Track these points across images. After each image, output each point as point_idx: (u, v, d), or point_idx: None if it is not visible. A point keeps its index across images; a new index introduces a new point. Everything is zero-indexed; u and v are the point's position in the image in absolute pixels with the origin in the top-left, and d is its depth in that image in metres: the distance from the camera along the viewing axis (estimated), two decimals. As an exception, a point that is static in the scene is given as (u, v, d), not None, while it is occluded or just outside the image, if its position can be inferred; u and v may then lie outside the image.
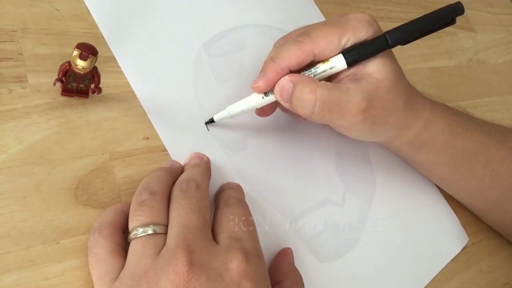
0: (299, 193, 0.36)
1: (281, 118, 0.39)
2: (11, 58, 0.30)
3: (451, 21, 0.33)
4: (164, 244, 0.25)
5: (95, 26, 0.34)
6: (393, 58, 0.34)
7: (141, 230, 0.25)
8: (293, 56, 0.31)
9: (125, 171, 0.30)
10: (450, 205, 0.44)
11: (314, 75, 0.32)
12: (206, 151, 0.33)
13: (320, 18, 0.49)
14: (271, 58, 0.32)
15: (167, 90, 0.35)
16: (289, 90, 0.31)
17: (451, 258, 0.41)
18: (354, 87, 0.32)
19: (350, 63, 0.32)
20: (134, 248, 0.25)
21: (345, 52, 0.32)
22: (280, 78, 0.32)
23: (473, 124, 0.40)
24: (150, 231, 0.25)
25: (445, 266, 0.40)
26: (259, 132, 0.37)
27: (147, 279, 0.24)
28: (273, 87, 0.32)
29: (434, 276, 0.39)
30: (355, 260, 0.36)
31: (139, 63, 0.34)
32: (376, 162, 0.42)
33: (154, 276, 0.24)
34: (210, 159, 0.33)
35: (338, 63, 0.32)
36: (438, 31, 0.34)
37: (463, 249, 0.42)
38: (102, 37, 0.34)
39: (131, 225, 0.26)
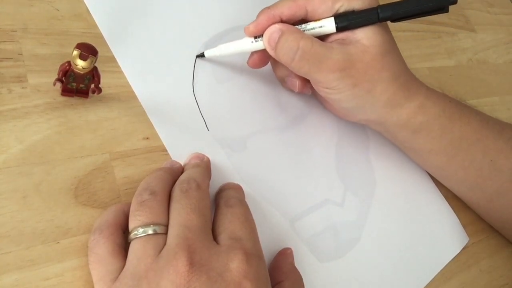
0: (299, 193, 0.36)
1: (281, 118, 0.39)
2: (11, 58, 0.30)
3: (443, 9, 0.34)
4: (165, 244, 0.25)
5: (95, 26, 0.34)
6: (387, 32, 0.35)
7: (141, 230, 0.25)
8: (286, 6, 0.33)
9: (125, 171, 0.30)
10: (450, 205, 0.44)
11: (304, 30, 0.34)
12: (206, 151, 0.33)
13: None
14: (266, 6, 0.34)
15: (167, 90, 0.35)
16: (276, 37, 0.33)
17: (451, 258, 0.41)
18: (338, 47, 0.33)
19: (339, 29, 0.33)
20: (134, 248, 0.25)
21: (337, 17, 0.33)
22: (270, 25, 0.33)
23: (471, 113, 0.40)
24: (150, 231, 0.25)
25: (445, 266, 0.40)
26: (259, 132, 0.37)
27: (148, 279, 0.24)
28: (263, 33, 0.34)
29: (434, 276, 0.39)
30: (355, 260, 0.36)
31: (139, 63, 0.34)
32: (376, 162, 0.42)
33: (155, 276, 0.24)
34: (210, 159, 0.33)
35: (328, 24, 0.33)
36: (438, 31, 0.34)
37: (463, 249, 0.42)
38: (102, 37, 0.34)
39: (131, 225, 0.26)
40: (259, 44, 0.34)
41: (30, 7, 0.33)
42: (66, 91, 0.30)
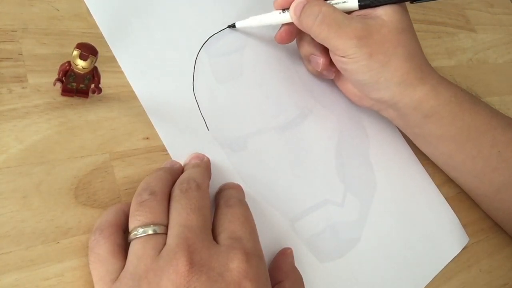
0: (299, 193, 0.36)
1: (281, 118, 0.39)
2: (11, 58, 0.30)
3: None
4: (165, 244, 0.25)
5: (95, 26, 0.34)
6: (405, 13, 0.37)
7: (141, 230, 0.25)
8: None
9: (125, 171, 0.30)
10: (450, 205, 0.44)
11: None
12: (206, 151, 0.33)
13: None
14: None
15: (167, 90, 0.35)
16: (301, 6, 0.36)
17: (451, 258, 0.41)
18: (358, 18, 0.36)
19: (361, 6, 0.36)
20: (134, 248, 0.25)
21: None
22: None
23: (481, 103, 0.41)
24: (150, 231, 0.25)
25: (445, 266, 0.40)
26: (259, 132, 0.37)
27: (148, 279, 0.24)
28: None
29: (434, 276, 0.39)
30: (355, 260, 0.36)
31: (139, 63, 0.34)
32: (376, 162, 0.42)
33: (155, 276, 0.24)
34: (210, 159, 0.33)
35: (351, 0, 0.36)
36: (438, 31, 0.34)
37: (463, 249, 0.42)
38: (102, 37, 0.34)
39: (131, 225, 0.26)
40: (286, 16, 0.37)
41: (30, 7, 0.33)
42: (66, 91, 0.30)
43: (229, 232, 0.27)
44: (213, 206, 0.31)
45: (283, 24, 0.39)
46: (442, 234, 0.42)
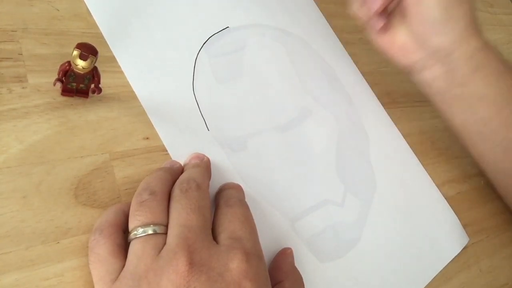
0: (299, 193, 0.36)
1: (281, 118, 0.39)
2: (11, 58, 0.30)
3: None
4: (164, 244, 0.25)
5: (95, 26, 0.34)
6: None
7: (141, 230, 0.25)
8: None
9: (125, 171, 0.30)
10: (450, 205, 0.44)
11: None
12: (206, 151, 0.33)
13: (321, 18, 0.49)
14: None
15: (167, 90, 0.35)
16: None
17: (451, 258, 0.41)
18: None
19: None
20: (134, 248, 0.25)
21: None
22: None
23: None
24: (150, 231, 0.25)
25: (445, 266, 0.40)
26: (259, 132, 0.37)
27: (148, 279, 0.24)
28: None
29: (434, 276, 0.39)
30: (355, 260, 0.36)
31: (139, 63, 0.34)
32: (376, 162, 0.42)
33: (155, 276, 0.24)
34: (210, 159, 0.33)
35: None
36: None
37: (463, 249, 0.42)
38: (102, 37, 0.34)
39: (131, 225, 0.26)
40: None
41: (30, 7, 0.33)
42: (66, 91, 0.30)
43: (229, 232, 0.27)
44: (213, 206, 0.31)
45: None
46: (442, 234, 0.42)
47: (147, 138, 0.32)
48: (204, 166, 0.32)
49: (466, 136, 0.43)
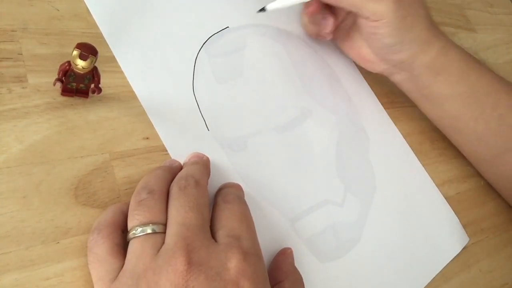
0: (299, 193, 0.36)
1: (281, 118, 0.39)
2: (11, 58, 0.30)
3: None
4: (163, 243, 0.25)
5: (95, 26, 0.34)
6: None
7: (139, 229, 0.25)
8: None
9: (125, 171, 0.30)
10: (450, 205, 0.44)
11: None
12: (206, 151, 0.33)
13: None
14: None
15: (167, 90, 0.35)
16: None
17: (451, 258, 0.41)
18: None
19: None
20: (133, 248, 0.25)
21: None
22: None
23: (486, 67, 0.43)
24: (149, 231, 0.25)
25: (445, 266, 0.40)
26: (259, 132, 0.37)
27: (147, 278, 0.24)
28: None
29: (434, 276, 0.39)
30: (355, 260, 0.36)
31: (139, 63, 0.34)
32: (376, 162, 0.42)
33: (153, 275, 0.24)
34: (209, 159, 0.33)
35: None
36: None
37: (463, 249, 0.42)
38: (102, 37, 0.34)
39: (130, 225, 0.26)
40: None
41: (30, 7, 0.33)
42: (66, 91, 0.30)
43: (227, 229, 0.27)
44: (212, 205, 0.31)
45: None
46: (442, 234, 0.42)
47: (147, 138, 0.32)
48: (203, 163, 0.32)
49: (443, 129, 0.45)
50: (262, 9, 0.39)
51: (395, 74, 0.42)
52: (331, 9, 0.41)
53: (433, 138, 0.47)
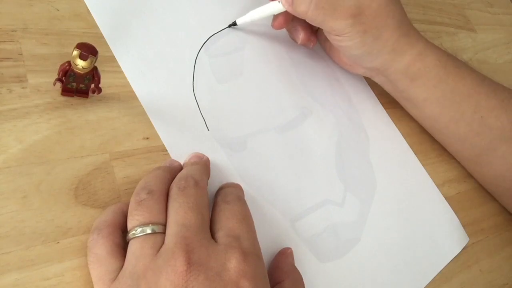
0: (299, 193, 0.36)
1: (281, 118, 0.39)
2: (11, 58, 0.30)
3: None
4: (163, 243, 0.25)
5: (95, 26, 0.34)
6: None
7: (139, 229, 0.25)
8: None
9: (125, 171, 0.30)
10: (450, 205, 0.44)
11: None
12: (206, 151, 0.33)
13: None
14: None
15: (167, 90, 0.35)
16: None
17: (451, 259, 0.41)
18: None
19: None
20: (132, 248, 0.25)
21: None
22: None
23: (467, 69, 0.42)
24: (148, 231, 0.25)
25: (445, 266, 0.40)
26: (259, 132, 0.37)
27: (146, 278, 0.24)
28: None
29: (434, 276, 0.39)
30: (355, 260, 0.36)
31: (139, 63, 0.34)
32: (376, 162, 0.42)
33: (153, 275, 0.24)
34: (210, 159, 0.33)
35: None
36: (438, 31, 0.35)
37: (463, 249, 0.42)
38: (102, 37, 0.34)
39: (129, 225, 0.26)
40: (281, 6, 0.38)
41: (30, 7, 0.33)
42: (66, 91, 0.30)
43: (227, 229, 0.27)
44: (211, 205, 0.31)
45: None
46: (442, 234, 0.42)
47: (147, 138, 0.32)
48: (203, 164, 0.32)
49: (427, 129, 0.46)
50: (233, 24, 0.40)
51: (375, 77, 0.43)
52: (301, 23, 0.41)
53: (433, 138, 0.47)
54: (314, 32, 0.42)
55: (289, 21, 0.40)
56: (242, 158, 0.35)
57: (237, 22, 0.40)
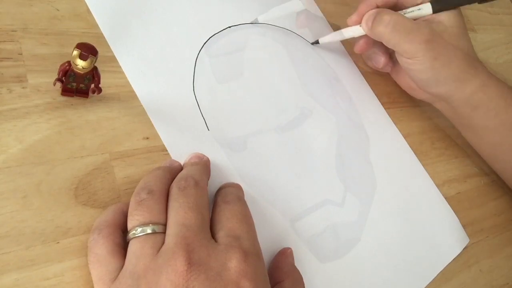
0: (299, 193, 0.36)
1: (281, 118, 0.39)
2: (11, 58, 0.30)
3: None
4: (163, 243, 0.25)
5: (95, 26, 0.34)
6: (462, 17, 0.42)
7: (139, 229, 0.25)
8: None
9: (125, 171, 0.30)
10: (450, 205, 0.44)
11: (404, 13, 0.41)
12: (206, 151, 0.33)
13: (321, 18, 0.49)
14: None
15: (167, 90, 0.35)
16: (372, 17, 0.40)
17: (451, 259, 0.41)
18: (424, 23, 0.40)
19: (435, 11, 0.41)
20: (133, 248, 0.25)
21: (433, 1, 0.41)
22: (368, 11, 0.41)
23: None
24: (148, 231, 0.25)
25: (445, 266, 0.40)
26: (259, 132, 0.37)
27: (147, 278, 0.24)
28: None
29: (434, 276, 0.39)
30: (355, 260, 0.36)
31: (139, 63, 0.34)
32: (376, 162, 0.42)
33: (154, 275, 0.24)
34: (210, 159, 0.33)
35: (425, 8, 0.41)
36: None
37: (463, 249, 0.42)
38: (102, 37, 0.34)
39: (129, 225, 0.26)
40: (361, 30, 0.41)
41: (30, 7, 0.33)
42: (66, 91, 0.30)
43: (227, 229, 0.27)
44: (212, 205, 0.31)
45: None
46: (442, 234, 0.42)
47: (147, 138, 0.32)
48: (203, 164, 0.32)
49: (484, 158, 0.47)
50: (316, 42, 0.44)
51: (436, 103, 0.45)
52: (383, 48, 0.44)
53: (433, 138, 0.47)
54: (390, 58, 0.45)
55: (370, 45, 0.43)
56: (242, 158, 0.35)
57: (320, 41, 0.44)
